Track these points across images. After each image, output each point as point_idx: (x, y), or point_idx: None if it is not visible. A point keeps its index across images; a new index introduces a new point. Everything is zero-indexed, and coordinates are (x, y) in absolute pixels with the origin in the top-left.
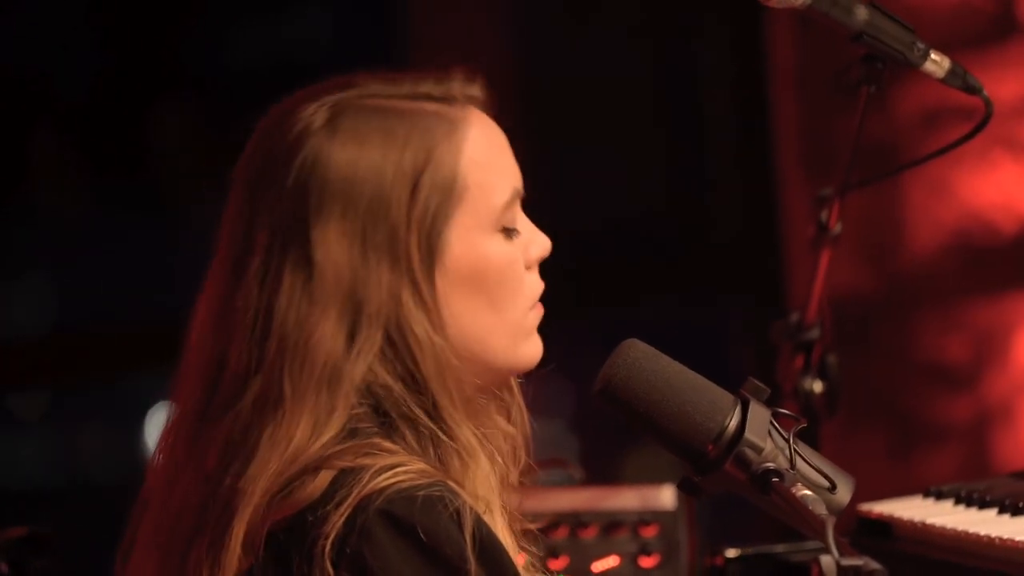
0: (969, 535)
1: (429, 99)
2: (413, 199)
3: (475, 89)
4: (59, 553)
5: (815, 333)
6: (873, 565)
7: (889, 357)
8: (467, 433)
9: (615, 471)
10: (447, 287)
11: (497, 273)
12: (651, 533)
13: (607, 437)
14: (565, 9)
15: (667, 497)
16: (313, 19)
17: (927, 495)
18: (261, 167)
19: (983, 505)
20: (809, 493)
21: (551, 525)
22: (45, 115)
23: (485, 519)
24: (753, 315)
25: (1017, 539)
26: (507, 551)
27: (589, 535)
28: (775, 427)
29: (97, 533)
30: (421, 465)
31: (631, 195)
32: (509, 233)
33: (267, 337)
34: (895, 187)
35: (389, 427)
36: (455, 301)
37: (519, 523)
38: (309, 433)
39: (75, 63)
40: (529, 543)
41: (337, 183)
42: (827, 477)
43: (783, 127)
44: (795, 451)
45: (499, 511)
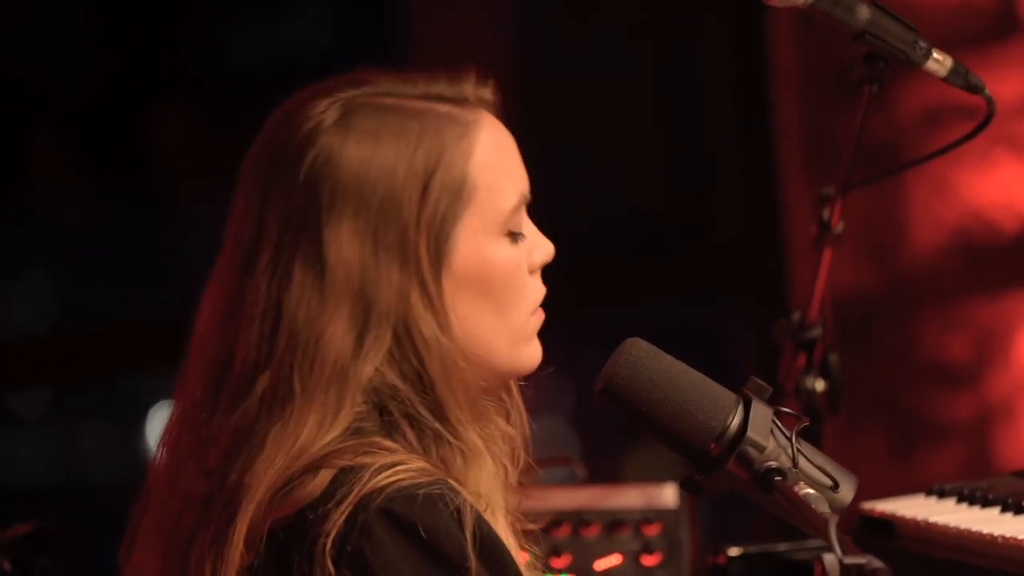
0: (972, 534)
1: (441, 100)
2: (423, 200)
3: (487, 91)
4: (63, 550)
5: (817, 332)
6: (876, 563)
7: (891, 356)
8: (472, 435)
9: (618, 470)
10: (453, 289)
11: (502, 277)
12: (653, 532)
13: (609, 436)
14: (565, 9)
15: (669, 496)
16: (313, 19)
17: (929, 494)
18: (271, 162)
19: (985, 504)
20: (812, 492)
21: (553, 523)
22: (45, 115)
23: (487, 519)
24: (754, 315)
25: (1020, 538)
26: (508, 549)
27: (591, 533)
28: (777, 426)
29: (97, 531)
30: (421, 463)
31: (632, 195)
32: (515, 237)
33: (276, 334)
34: (896, 186)
35: (390, 426)
36: (461, 303)
37: (520, 522)
38: (315, 431)
39: (75, 63)
40: (531, 542)
41: (349, 181)
42: (830, 476)
43: (784, 126)
44: (798, 450)
45: (502, 512)
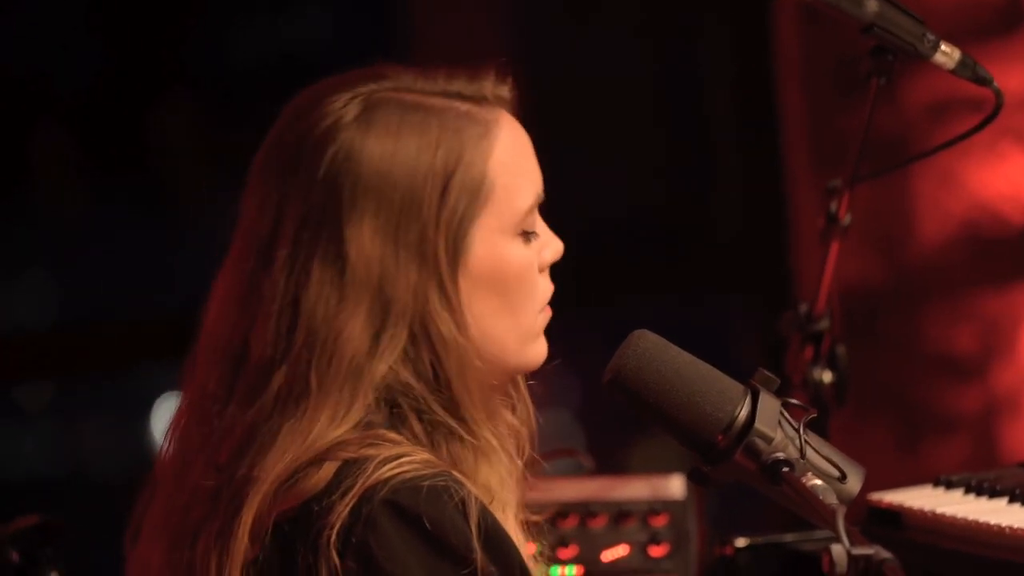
0: (979, 524)
1: (461, 98)
2: (443, 200)
3: (505, 89)
4: (69, 542)
5: (824, 324)
6: (883, 554)
7: (898, 348)
8: (487, 432)
9: (625, 461)
10: (469, 288)
11: (515, 276)
12: (661, 523)
13: (616, 427)
14: (566, 7)
15: (676, 487)
16: (313, 18)
17: (937, 485)
18: (289, 156)
19: (993, 495)
20: (819, 483)
21: (560, 515)
22: (46, 113)
23: (497, 515)
24: (760, 310)
25: None
26: (512, 541)
27: (598, 524)
28: (785, 417)
29: (99, 526)
30: (426, 455)
31: (637, 191)
32: (528, 236)
33: (293, 330)
34: (904, 179)
35: (397, 419)
36: (476, 302)
37: (526, 514)
38: (327, 427)
39: (75, 61)
40: (537, 534)
41: (370, 179)
42: (837, 467)
43: (790, 120)
44: (805, 441)
45: (513, 508)
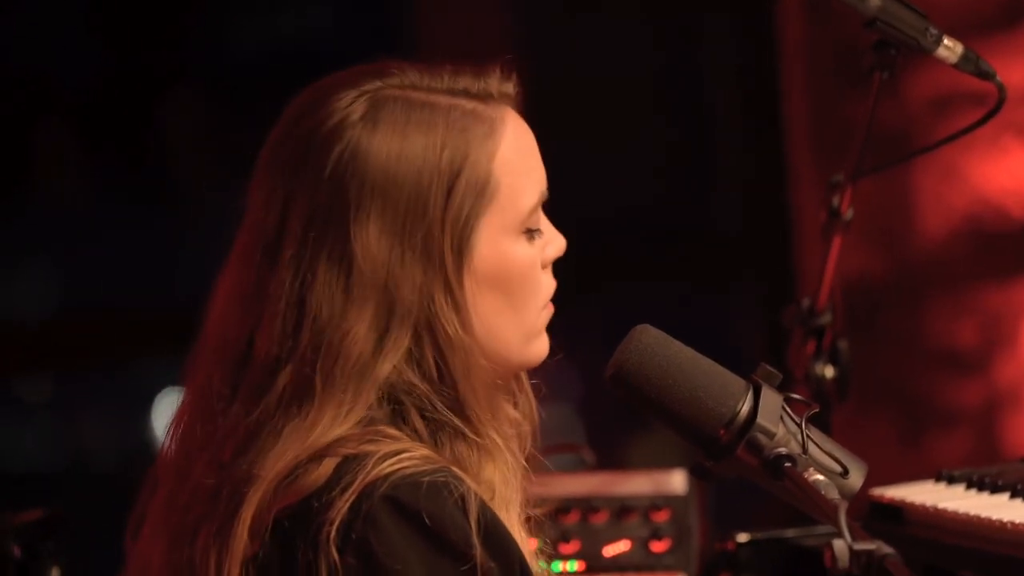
0: (981, 520)
1: (467, 95)
2: (448, 200)
3: (510, 86)
4: (72, 535)
5: (826, 318)
6: (885, 549)
7: (899, 343)
8: (493, 431)
9: (626, 456)
10: (473, 287)
11: (519, 275)
12: (662, 518)
13: (618, 422)
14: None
15: (678, 482)
16: (313, 12)
17: (939, 480)
18: (295, 153)
19: (995, 490)
20: (821, 478)
21: (562, 510)
22: (49, 105)
23: (501, 514)
24: (762, 305)
25: None
26: (512, 538)
27: (600, 520)
28: (787, 412)
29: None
30: (425, 451)
31: (639, 186)
32: (532, 234)
33: (299, 329)
34: (906, 173)
35: (398, 416)
36: (480, 302)
37: (528, 508)
38: (329, 426)
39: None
40: (538, 530)
41: (377, 179)
42: (839, 462)
43: (792, 115)
44: (807, 436)
45: (516, 507)
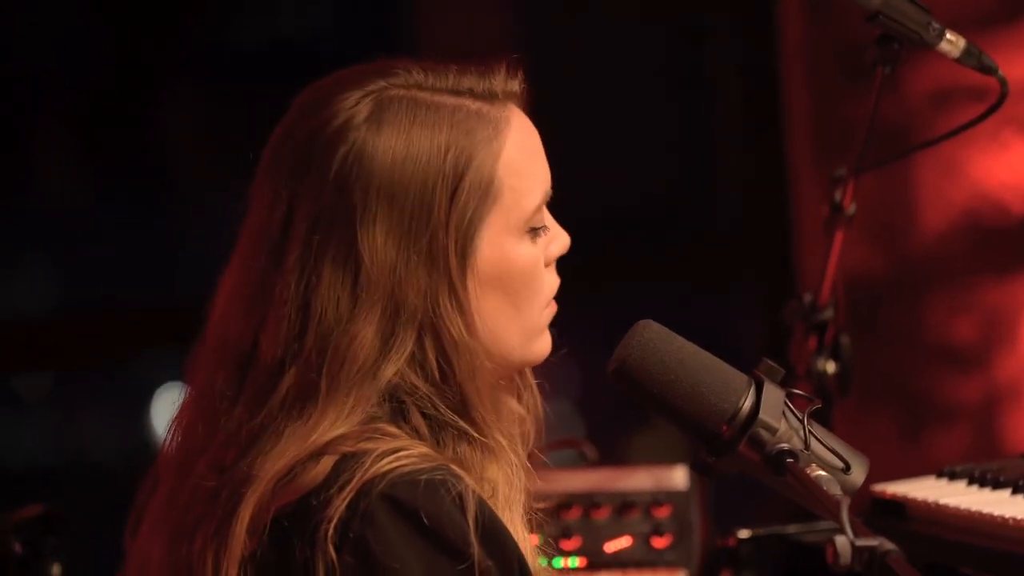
0: (983, 515)
1: (472, 95)
2: (453, 202)
3: (515, 85)
4: (72, 532)
5: (828, 314)
6: (887, 545)
7: (900, 338)
8: (497, 432)
9: (628, 451)
10: (476, 289)
11: (521, 275)
12: (664, 514)
13: (620, 418)
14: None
15: (680, 478)
16: (313, 12)
17: (940, 475)
18: (299, 155)
19: (996, 485)
20: (823, 474)
21: (563, 506)
22: (50, 100)
23: (503, 514)
24: (764, 300)
25: None
26: (511, 535)
27: (602, 515)
28: (789, 408)
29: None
30: (423, 449)
31: (640, 182)
32: (535, 233)
33: (304, 332)
34: (906, 168)
35: (397, 414)
36: (483, 302)
37: (530, 504)
38: (329, 427)
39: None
40: (539, 525)
41: (382, 181)
42: (841, 458)
43: (794, 109)
44: (809, 432)
45: (520, 509)
